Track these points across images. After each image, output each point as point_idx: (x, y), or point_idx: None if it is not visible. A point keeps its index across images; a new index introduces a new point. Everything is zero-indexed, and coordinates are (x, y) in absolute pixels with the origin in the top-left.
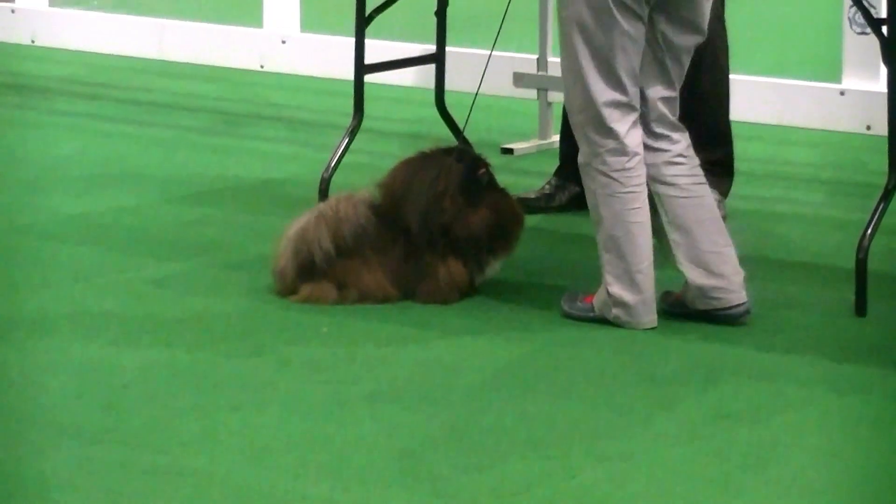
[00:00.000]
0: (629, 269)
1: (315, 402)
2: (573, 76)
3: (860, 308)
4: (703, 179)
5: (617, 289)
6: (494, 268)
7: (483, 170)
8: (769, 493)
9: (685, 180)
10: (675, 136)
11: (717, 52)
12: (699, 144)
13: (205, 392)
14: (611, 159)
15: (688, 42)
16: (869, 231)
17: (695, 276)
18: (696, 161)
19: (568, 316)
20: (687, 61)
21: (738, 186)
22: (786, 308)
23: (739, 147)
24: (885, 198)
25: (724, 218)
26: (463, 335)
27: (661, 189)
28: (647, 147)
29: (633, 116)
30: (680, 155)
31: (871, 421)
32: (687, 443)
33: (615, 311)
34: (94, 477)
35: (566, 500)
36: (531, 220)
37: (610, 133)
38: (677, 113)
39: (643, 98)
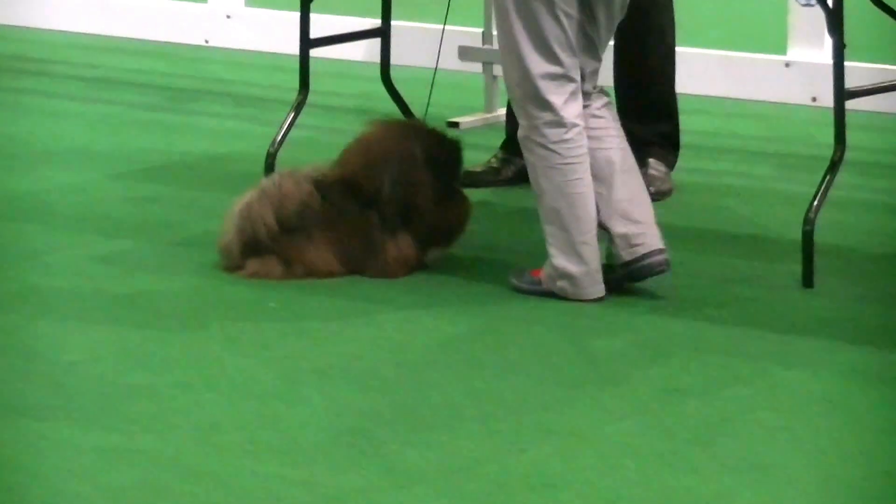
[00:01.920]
0: (572, 240)
1: (264, 379)
2: (508, 50)
3: (808, 281)
4: (621, 132)
5: (561, 261)
6: (435, 253)
7: (459, 158)
8: (718, 467)
9: (603, 132)
10: (593, 91)
11: (663, 28)
12: (645, 119)
13: (153, 370)
14: (548, 131)
15: (615, 17)
16: (815, 203)
17: (618, 225)
18: (613, 114)
19: (517, 290)
20: (611, 36)
21: (684, 160)
22: (734, 282)
23: (686, 120)
24: (832, 170)
25: (671, 191)
26: (411, 311)
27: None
28: None
29: (571, 87)
30: (601, 107)
31: (819, 395)
32: (635, 417)
33: (560, 283)
34: (43, 456)
35: (515, 476)
36: (478, 195)
37: (546, 105)
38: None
39: None
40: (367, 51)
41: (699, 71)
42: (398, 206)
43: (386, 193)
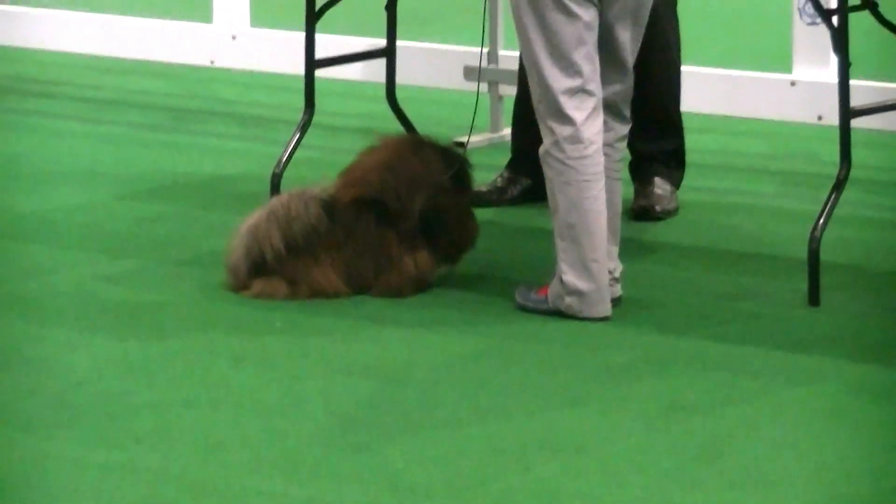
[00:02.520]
0: (584, 256)
1: (269, 397)
2: (530, 65)
3: (813, 298)
4: (619, 175)
5: (571, 277)
6: (441, 271)
7: (469, 173)
8: (723, 484)
9: (607, 171)
10: (617, 126)
11: (668, 45)
12: (650, 136)
13: (159, 388)
14: (568, 147)
15: (632, 34)
16: (821, 221)
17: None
18: (620, 155)
19: (522, 308)
20: (633, 54)
21: (689, 178)
22: (739, 299)
23: (691, 139)
24: (837, 188)
25: (677, 210)
26: (416, 329)
27: None
28: None
29: (592, 103)
30: (608, 146)
31: (825, 412)
32: (641, 435)
33: (569, 300)
34: (49, 473)
35: (521, 494)
36: (484, 214)
37: (567, 120)
38: (628, 105)
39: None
40: (371, 70)
41: (704, 89)
42: (422, 224)
43: (415, 212)
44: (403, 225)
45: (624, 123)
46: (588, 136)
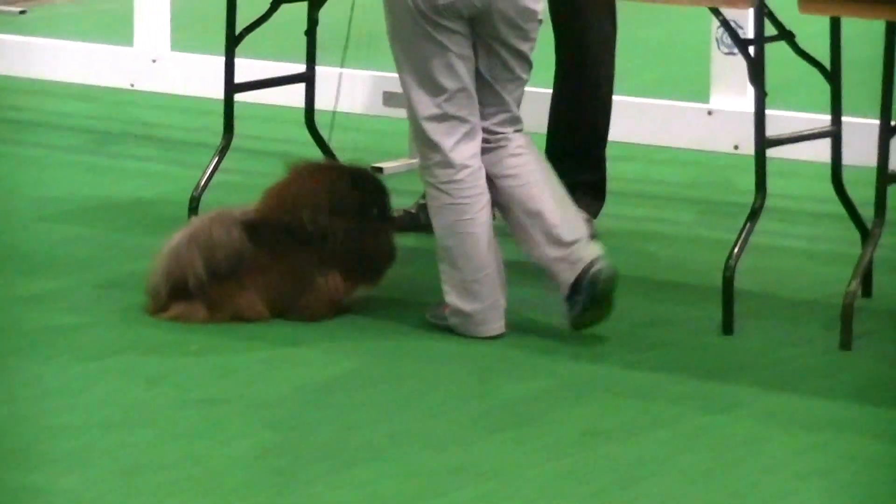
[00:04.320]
0: (463, 278)
1: (187, 420)
2: (404, 90)
3: (727, 326)
4: (546, 165)
5: (453, 297)
6: (357, 292)
7: (386, 197)
8: None
9: (526, 170)
10: (512, 134)
11: (598, 84)
12: (570, 169)
13: (76, 410)
14: (438, 171)
15: (505, 62)
16: (736, 250)
17: (552, 251)
18: (535, 151)
19: (429, 323)
20: (517, 76)
21: (608, 206)
22: (655, 326)
23: (610, 166)
24: (753, 217)
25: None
26: (333, 354)
27: (506, 182)
28: (484, 149)
29: (464, 129)
30: (518, 147)
31: (739, 439)
32: (556, 461)
33: (452, 320)
34: None
35: None
36: (403, 240)
37: (434, 147)
38: (516, 110)
39: (481, 113)
40: (291, 95)
41: (623, 118)
42: (333, 247)
43: (320, 235)
44: (316, 248)
45: (517, 127)
46: (459, 160)
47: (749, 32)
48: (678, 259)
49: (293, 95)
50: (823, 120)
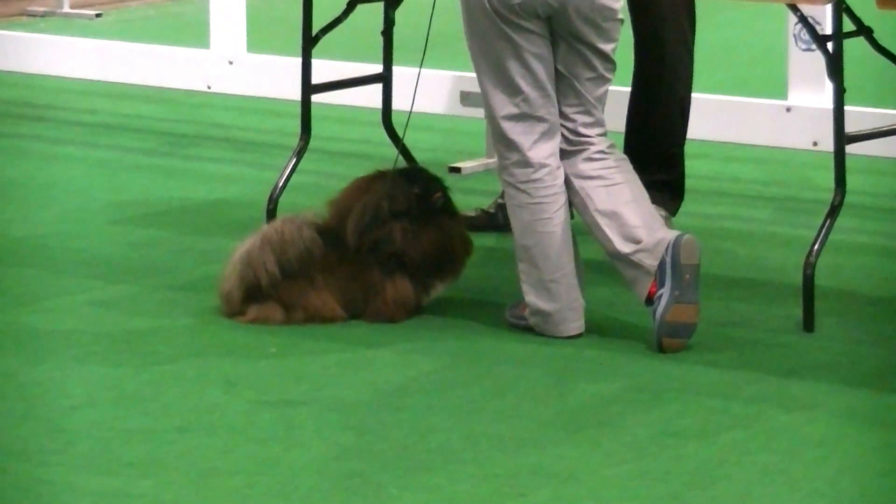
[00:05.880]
0: (542, 278)
1: (262, 423)
2: (482, 90)
3: (807, 324)
4: (628, 167)
5: (532, 297)
6: (439, 289)
7: (438, 193)
8: None
9: (607, 171)
10: (594, 137)
11: (675, 81)
12: (649, 169)
13: (152, 414)
14: (516, 171)
15: (583, 59)
16: (816, 247)
17: (625, 247)
18: (618, 154)
19: (508, 323)
20: (591, 80)
21: (684, 203)
22: (733, 325)
23: (687, 164)
24: (832, 214)
25: None
26: (409, 355)
27: (584, 183)
28: (566, 152)
29: (541, 128)
30: (600, 152)
31: (817, 439)
32: (634, 461)
33: (533, 320)
34: (42, 500)
35: None
36: (480, 240)
37: (512, 146)
38: (600, 113)
39: (560, 112)
40: (368, 96)
41: (700, 115)
42: (377, 255)
43: (353, 245)
44: (375, 256)
45: (599, 131)
46: (537, 160)
47: (827, 28)
48: (756, 257)
49: (370, 96)
50: None
